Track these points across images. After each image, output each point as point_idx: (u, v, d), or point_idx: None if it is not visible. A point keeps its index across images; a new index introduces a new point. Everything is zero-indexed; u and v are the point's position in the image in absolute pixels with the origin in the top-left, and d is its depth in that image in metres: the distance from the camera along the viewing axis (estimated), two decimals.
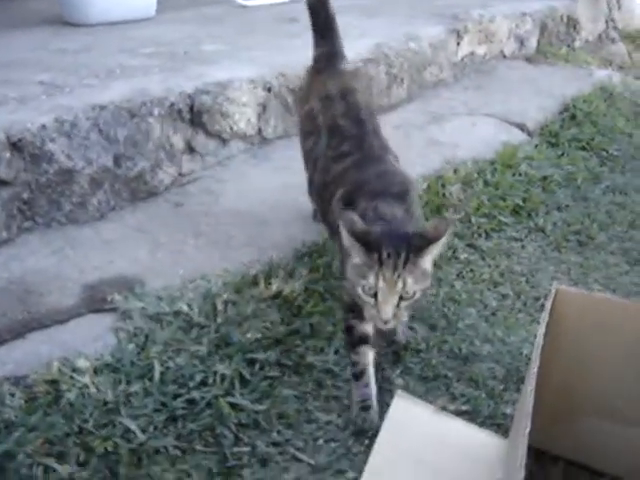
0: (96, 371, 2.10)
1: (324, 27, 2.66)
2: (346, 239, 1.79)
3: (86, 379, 2.05)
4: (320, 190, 2.34)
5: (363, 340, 2.07)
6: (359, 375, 2.07)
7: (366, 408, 2.03)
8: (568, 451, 2.00)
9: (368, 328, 2.07)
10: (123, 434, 1.93)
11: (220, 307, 2.36)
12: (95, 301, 2.43)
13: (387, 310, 1.78)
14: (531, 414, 1.43)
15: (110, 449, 1.89)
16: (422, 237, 1.81)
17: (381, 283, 1.76)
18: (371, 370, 2.09)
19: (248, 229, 2.92)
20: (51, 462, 1.83)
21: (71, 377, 2.06)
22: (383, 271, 1.75)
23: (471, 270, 2.88)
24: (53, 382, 2.05)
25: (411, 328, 2.43)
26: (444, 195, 3.26)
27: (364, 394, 2.05)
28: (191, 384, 2.08)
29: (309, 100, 2.57)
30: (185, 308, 2.35)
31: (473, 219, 3.18)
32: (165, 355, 2.17)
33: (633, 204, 3.55)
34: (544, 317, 1.68)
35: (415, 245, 1.78)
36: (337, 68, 2.61)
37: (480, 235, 3.13)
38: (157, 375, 2.09)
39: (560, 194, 3.57)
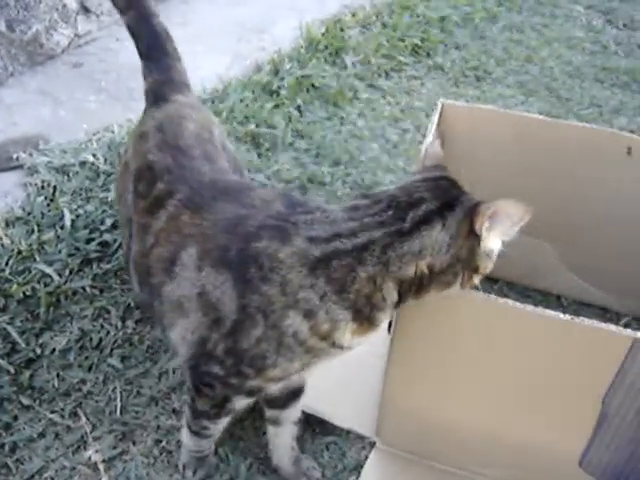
0: (7, 223, 2.15)
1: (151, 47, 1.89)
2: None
3: None
4: (140, 258, 1.52)
5: (232, 412, 1.56)
6: (205, 437, 1.62)
7: (202, 458, 1.67)
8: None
9: (250, 401, 1.54)
10: (40, 279, 2.00)
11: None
12: (1, 161, 2.44)
13: None
14: None
15: (28, 293, 1.96)
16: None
17: None
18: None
19: None
20: None
21: None
22: None
23: (372, 109, 2.95)
24: None
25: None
26: (343, 38, 3.28)
27: (203, 447, 1.65)
28: (103, 228, 2.15)
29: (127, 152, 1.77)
30: (91, 158, 2.39)
31: (373, 60, 3.23)
32: (75, 204, 2.22)
33: (529, 40, 3.65)
34: (430, 129, 1.76)
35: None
36: (167, 99, 1.77)
37: (380, 75, 3.20)
38: (68, 222, 2.14)
39: (458, 33, 3.63)
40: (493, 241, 1.30)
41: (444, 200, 1.31)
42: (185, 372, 1.51)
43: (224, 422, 1.58)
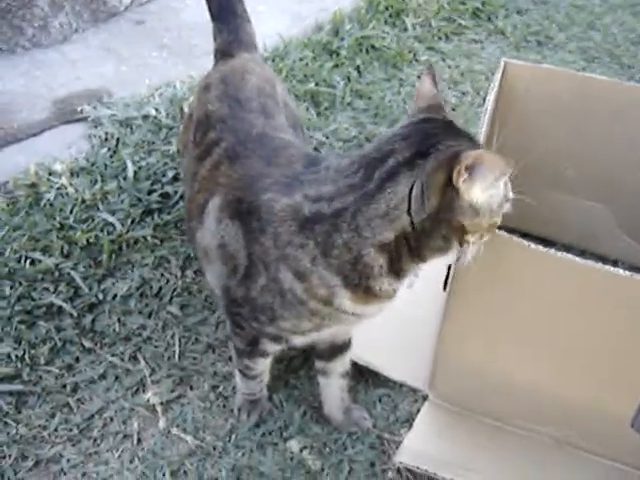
0: (72, 173, 2.20)
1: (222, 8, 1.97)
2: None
3: (63, 180, 2.14)
4: (187, 204, 1.66)
5: (266, 354, 1.60)
6: (251, 377, 1.67)
7: (255, 401, 1.71)
8: (523, 224, 2.13)
9: (279, 347, 1.56)
10: (103, 227, 2.06)
11: (186, 110, 2.42)
12: (65, 113, 2.49)
13: None
14: None
15: (92, 241, 2.02)
16: None
17: None
18: (266, 371, 1.69)
19: (211, 38, 2.93)
20: (37, 255, 1.96)
21: (48, 179, 2.16)
22: None
23: None
24: (32, 185, 2.15)
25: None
26: (403, 0, 3.26)
27: (253, 389, 1.69)
28: (164, 180, 2.19)
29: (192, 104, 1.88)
30: (153, 112, 2.43)
31: (433, 22, 3.22)
32: (137, 156, 2.27)
33: (592, 6, 3.59)
34: (493, 86, 1.76)
35: None
36: (233, 56, 1.85)
37: (440, 38, 3.18)
38: (131, 174, 2.19)
39: None
40: (475, 194, 1.15)
41: (417, 149, 1.18)
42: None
43: (263, 363, 1.63)
